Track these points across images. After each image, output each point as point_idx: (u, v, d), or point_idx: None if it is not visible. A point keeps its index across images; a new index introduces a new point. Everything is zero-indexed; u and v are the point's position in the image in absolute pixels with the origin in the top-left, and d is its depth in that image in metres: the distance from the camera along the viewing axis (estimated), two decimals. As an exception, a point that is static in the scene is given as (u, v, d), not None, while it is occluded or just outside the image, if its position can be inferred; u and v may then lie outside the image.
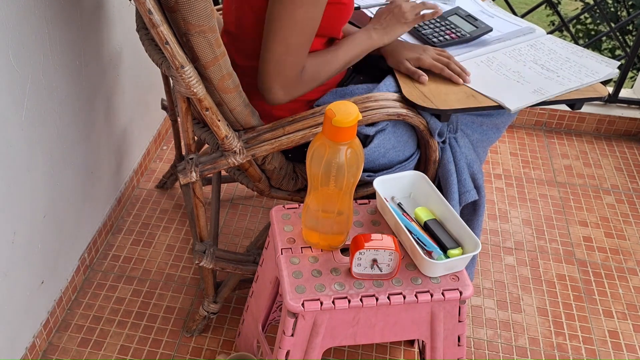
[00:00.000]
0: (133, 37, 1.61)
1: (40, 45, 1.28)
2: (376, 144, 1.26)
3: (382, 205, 1.19)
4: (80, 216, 1.60)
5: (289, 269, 1.09)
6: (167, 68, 1.12)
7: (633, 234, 1.91)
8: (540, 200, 2.02)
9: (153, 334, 1.55)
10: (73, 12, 1.40)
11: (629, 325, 1.64)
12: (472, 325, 1.61)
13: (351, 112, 0.96)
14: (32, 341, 1.44)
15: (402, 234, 1.13)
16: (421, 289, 1.07)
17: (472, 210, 1.41)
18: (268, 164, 1.29)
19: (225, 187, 1.98)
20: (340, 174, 1.00)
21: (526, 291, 1.71)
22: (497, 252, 1.82)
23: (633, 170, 2.17)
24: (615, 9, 4.19)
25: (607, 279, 1.76)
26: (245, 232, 1.84)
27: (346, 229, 1.11)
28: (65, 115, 1.43)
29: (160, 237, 1.81)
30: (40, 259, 1.43)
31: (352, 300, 1.04)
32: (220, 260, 1.39)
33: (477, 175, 1.37)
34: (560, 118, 2.31)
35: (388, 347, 1.54)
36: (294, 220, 1.18)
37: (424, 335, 1.14)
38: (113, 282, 1.67)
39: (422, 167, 1.35)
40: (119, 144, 1.78)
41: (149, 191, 1.96)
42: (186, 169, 1.21)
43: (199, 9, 1.00)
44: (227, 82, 1.12)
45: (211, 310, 1.51)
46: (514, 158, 2.19)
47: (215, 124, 1.14)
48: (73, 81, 1.45)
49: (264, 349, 1.31)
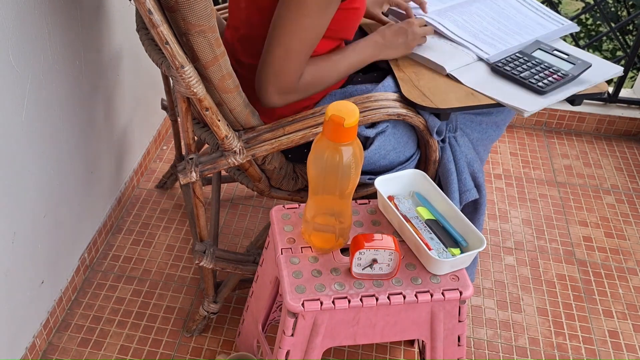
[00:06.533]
0: (133, 37, 1.61)
1: (40, 45, 1.28)
2: (377, 146, 1.26)
3: (384, 204, 1.19)
4: (80, 216, 1.60)
5: (289, 269, 1.09)
6: (167, 68, 1.12)
7: (633, 234, 1.91)
8: (540, 200, 2.02)
9: (153, 334, 1.55)
10: (73, 12, 1.40)
11: (629, 325, 1.64)
12: (472, 325, 1.61)
13: (351, 113, 0.96)
14: (32, 341, 1.44)
15: (406, 233, 1.13)
16: (421, 289, 1.07)
17: (472, 210, 1.41)
18: (268, 164, 1.29)
19: (225, 187, 1.98)
20: (340, 174, 1.00)
21: (526, 291, 1.71)
22: (497, 252, 1.82)
23: (633, 170, 2.17)
24: (616, 8, 4.18)
25: (607, 279, 1.76)
26: (245, 232, 1.84)
27: (346, 230, 1.11)
28: (65, 116, 1.43)
29: (160, 237, 1.81)
30: (40, 259, 1.43)
31: (352, 300, 1.04)
32: (220, 260, 1.39)
33: (478, 174, 1.37)
34: (560, 118, 2.31)
35: (388, 347, 1.54)
36: (294, 220, 1.18)
37: (424, 335, 1.14)
38: (113, 282, 1.67)
39: (422, 167, 1.35)
40: (119, 144, 1.78)
41: (149, 191, 1.96)
42: (186, 169, 1.21)
43: (199, 9, 1.00)
44: (227, 82, 1.12)
45: (211, 310, 1.51)
46: (514, 158, 2.19)
47: (215, 124, 1.14)
48: (73, 81, 1.45)
49: (264, 349, 1.31)
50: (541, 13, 1.51)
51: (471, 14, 1.48)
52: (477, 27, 1.44)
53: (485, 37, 1.41)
